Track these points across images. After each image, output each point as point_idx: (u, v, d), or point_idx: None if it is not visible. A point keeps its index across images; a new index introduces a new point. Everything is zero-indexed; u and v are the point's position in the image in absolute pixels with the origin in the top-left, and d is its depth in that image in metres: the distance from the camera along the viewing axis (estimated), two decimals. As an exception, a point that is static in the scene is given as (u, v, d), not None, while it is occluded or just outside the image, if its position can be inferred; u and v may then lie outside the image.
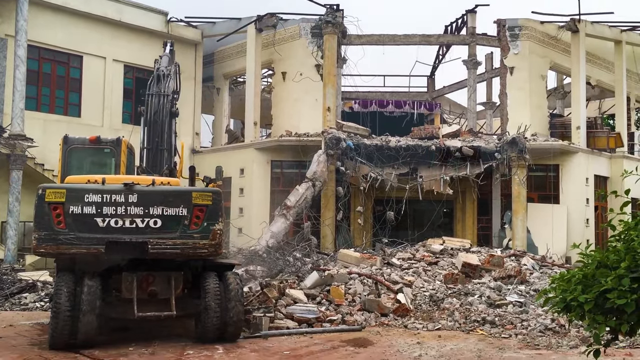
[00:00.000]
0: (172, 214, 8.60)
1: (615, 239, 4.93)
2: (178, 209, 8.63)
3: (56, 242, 8.31)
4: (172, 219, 8.60)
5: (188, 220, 8.64)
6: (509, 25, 22.77)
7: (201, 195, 8.83)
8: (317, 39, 22.19)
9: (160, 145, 10.24)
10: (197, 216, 8.68)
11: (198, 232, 8.66)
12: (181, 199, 8.71)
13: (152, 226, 8.53)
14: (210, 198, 8.82)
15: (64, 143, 10.40)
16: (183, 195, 8.78)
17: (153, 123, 10.22)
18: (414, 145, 19.58)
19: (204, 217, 8.70)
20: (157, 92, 10.46)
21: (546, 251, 18.67)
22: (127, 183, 8.66)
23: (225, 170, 16.92)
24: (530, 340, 9.83)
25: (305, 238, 17.95)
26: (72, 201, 8.37)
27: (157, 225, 8.54)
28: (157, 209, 8.56)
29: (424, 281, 13.66)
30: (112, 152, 10.48)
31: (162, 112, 10.25)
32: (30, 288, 13.95)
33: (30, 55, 19.37)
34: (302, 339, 9.77)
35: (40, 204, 8.37)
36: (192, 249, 8.65)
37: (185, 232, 8.62)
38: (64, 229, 8.33)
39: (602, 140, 23.08)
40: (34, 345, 8.90)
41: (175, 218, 8.61)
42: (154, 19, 23.27)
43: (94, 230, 8.39)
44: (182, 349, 8.80)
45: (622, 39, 24.55)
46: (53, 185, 8.74)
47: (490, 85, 28.35)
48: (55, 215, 8.33)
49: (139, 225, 8.50)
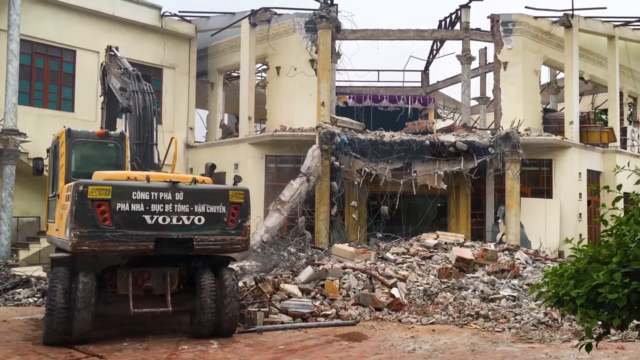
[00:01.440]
0: (213, 211, 8.95)
1: (607, 234, 4.97)
2: (218, 206, 9.00)
3: (102, 239, 8.31)
4: (214, 216, 8.96)
5: (226, 218, 9.04)
6: (503, 21, 22.79)
7: (236, 193, 9.23)
8: (312, 34, 22.16)
9: (150, 140, 10.27)
10: (233, 213, 9.12)
11: (234, 229, 9.10)
12: (221, 197, 9.08)
13: (197, 223, 8.82)
14: (242, 196, 9.26)
15: (67, 137, 10.16)
16: (222, 194, 9.15)
17: (143, 119, 10.22)
18: (408, 140, 19.62)
19: (238, 215, 9.15)
20: (141, 89, 10.63)
21: (539, 245, 18.78)
22: (173, 181, 8.88)
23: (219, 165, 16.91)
24: (523, 334, 9.90)
25: (300, 233, 17.99)
26: (119, 198, 8.41)
27: (201, 223, 8.85)
28: (201, 207, 8.88)
29: (418, 275, 13.72)
30: (116, 147, 10.43)
31: (150, 108, 10.34)
32: (24, 283, 13.92)
33: (23, 49, 19.25)
34: (297, 334, 9.81)
35: (82, 201, 8.28)
36: (229, 245, 9.07)
37: (224, 228, 9.02)
38: (109, 226, 8.34)
39: (595, 135, 23.17)
40: (28, 341, 8.91)
41: (217, 215, 8.98)
42: (148, 14, 23.16)
43: (143, 227, 8.49)
44: (177, 344, 8.82)
45: (615, 35, 24.63)
46: (95, 181, 8.67)
47: (484, 80, 28.42)
48: (100, 212, 8.31)
49: (185, 222, 8.74)
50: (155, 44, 23.42)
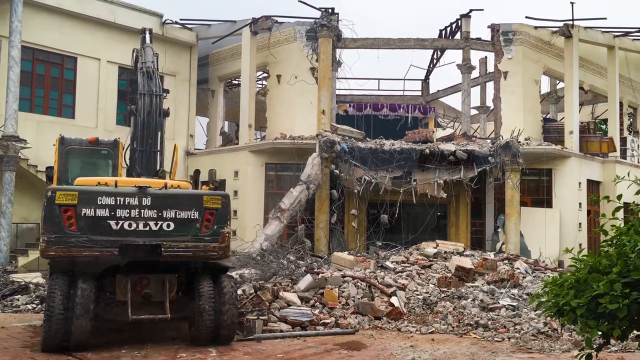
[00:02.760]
0: (184, 217, 8.70)
1: (607, 244, 4.96)
2: (190, 212, 8.73)
3: (67, 245, 8.27)
4: (185, 222, 8.70)
5: (199, 224, 8.74)
6: (503, 30, 22.87)
7: (212, 198, 8.92)
8: (312, 42, 22.22)
9: (154, 147, 10.09)
10: (208, 219, 8.80)
11: (209, 235, 8.78)
12: (193, 202, 8.81)
13: (165, 229, 8.61)
14: (220, 201, 8.93)
15: (60, 144, 10.27)
16: (195, 199, 8.87)
17: (147, 124, 10.07)
18: (408, 149, 19.63)
19: (214, 221, 8.82)
20: (148, 92, 10.23)
21: (539, 255, 18.74)
22: (141, 186, 8.66)
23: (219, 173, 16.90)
24: (523, 343, 9.87)
25: (299, 241, 17.96)
26: (84, 203, 8.35)
27: (170, 228, 8.63)
28: (170, 212, 8.64)
29: (417, 284, 13.69)
30: (109, 154, 10.42)
31: (155, 112, 10.07)
32: (22, 290, 13.89)
33: (24, 56, 19.32)
34: (296, 342, 9.78)
35: (50, 206, 8.30)
36: (203, 252, 8.76)
37: (197, 235, 8.73)
38: (75, 232, 8.30)
39: (595, 145, 23.20)
40: (26, 348, 8.87)
41: (188, 221, 8.71)
42: (149, 21, 23.19)
43: (107, 233, 8.39)
44: (175, 351, 8.79)
45: (615, 45, 24.70)
46: (63, 187, 8.67)
47: (484, 90, 28.47)
48: (67, 218, 8.28)
49: (153, 228, 8.56)
50: (156, 51, 23.41)
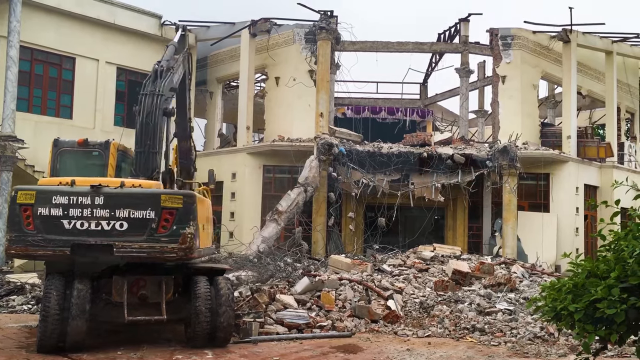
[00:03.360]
0: (138, 216, 8.38)
1: (605, 249, 4.96)
2: (145, 211, 8.40)
3: (25, 243, 8.26)
4: (139, 222, 8.37)
5: (156, 224, 8.38)
6: (502, 35, 22.93)
7: (171, 197, 8.54)
8: (311, 45, 22.24)
9: (152, 148, 10.01)
10: (166, 219, 8.42)
11: (166, 236, 8.39)
12: (149, 201, 8.46)
13: (118, 229, 8.34)
14: (180, 201, 8.52)
15: (53, 146, 10.32)
16: (151, 198, 8.52)
17: (145, 125, 9.99)
18: (405, 152, 19.64)
19: (174, 221, 8.43)
20: (151, 92, 10.04)
21: (536, 259, 18.77)
22: (94, 185, 8.50)
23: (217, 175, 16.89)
24: (519, 348, 9.86)
25: (297, 243, 17.94)
26: (40, 203, 8.31)
27: (123, 228, 8.35)
28: (124, 212, 8.37)
29: (414, 288, 13.67)
30: (100, 155, 10.37)
31: (154, 113, 9.86)
32: (18, 290, 13.84)
33: (23, 56, 19.27)
34: (292, 345, 9.76)
35: (13, 206, 8.39)
36: (159, 253, 8.38)
37: (153, 235, 8.36)
38: (32, 231, 8.28)
39: (593, 150, 23.25)
40: (21, 348, 8.83)
41: (142, 221, 8.38)
42: (148, 22, 23.23)
43: (61, 232, 8.30)
44: (171, 353, 8.77)
45: (613, 50, 24.78)
46: (25, 187, 8.66)
47: (482, 94, 28.52)
48: (25, 217, 8.30)
49: (105, 227, 8.33)
50: (155, 53, 23.35)
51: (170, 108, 10.17)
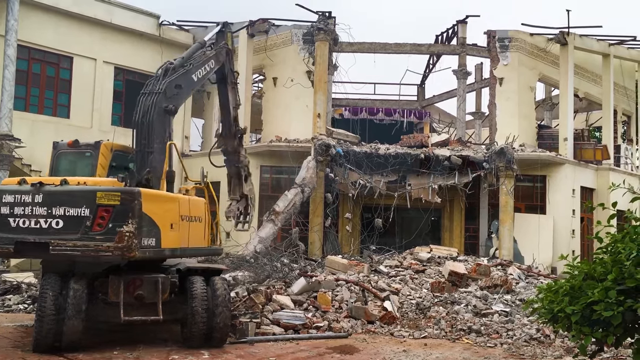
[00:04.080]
0: (73, 214, 8.27)
1: (602, 251, 4.97)
2: (80, 209, 8.26)
3: None
4: (74, 220, 8.26)
5: (90, 222, 8.22)
6: (499, 37, 22.97)
7: (107, 195, 8.30)
8: (309, 46, 22.25)
9: (147, 147, 10.00)
10: (102, 217, 8.23)
11: (102, 234, 8.18)
12: (84, 199, 8.32)
13: (55, 227, 8.30)
14: (117, 198, 8.28)
15: (53, 148, 10.39)
16: (86, 195, 8.36)
17: (140, 124, 9.93)
18: (403, 153, 19.65)
19: (110, 218, 8.22)
20: (150, 90, 10.09)
21: (532, 261, 18.79)
22: (35, 183, 8.56)
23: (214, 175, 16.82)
24: (515, 349, 9.87)
25: (293, 244, 17.92)
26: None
27: (59, 226, 8.29)
28: (60, 210, 8.32)
29: (410, 289, 13.68)
30: (92, 155, 10.36)
31: (149, 111, 9.89)
32: (14, 290, 13.80)
33: (20, 55, 19.24)
34: (289, 345, 9.76)
35: None
36: (94, 251, 8.16)
37: (87, 233, 8.19)
38: None
39: (589, 152, 23.31)
40: (17, 348, 8.81)
41: (77, 219, 8.26)
42: (146, 22, 23.22)
43: (7, 230, 8.42)
44: (167, 353, 8.76)
45: (610, 53, 24.84)
46: None
47: (479, 95, 28.58)
48: None
49: (43, 225, 8.34)
50: (152, 52, 23.44)
51: (171, 107, 10.08)
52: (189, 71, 10.76)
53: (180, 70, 10.50)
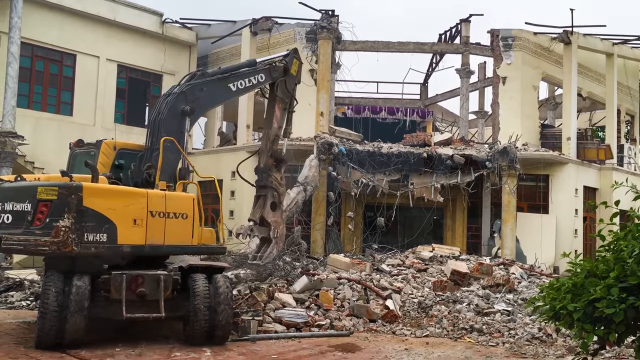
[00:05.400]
0: (19, 209, 8.45)
1: (604, 249, 4.96)
2: (24, 204, 8.43)
3: None
4: (19, 215, 8.43)
5: (31, 216, 8.35)
6: (503, 36, 22.93)
7: (46, 190, 8.38)
8: (312, 44, 22.23)
9: (157, 144, 10.15)
10: (42, 212, 8.33)
11: (40, 229, 8.27)
12: (27, 194, 8.49)
13: (6, 222, 8.51)
14: (55, 193, 8.32)
15: (69, 149, 10.81)
16: (28, 191, 8.54)
17: (153, 123, 10.15)
18: (405, 152, 19.63)
19: (48, 213, 8.31)
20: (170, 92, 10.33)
21: (535, 260, 18.76)
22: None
23: (217, 173, 16.81)
24: (517, 348, 9.87)
25: (296, 242, 17.91)
26: None
27: (9, 221, 8.48)
28: (9, 205, 8.53)
29: (412, 288, 13.68)
30: (95, 154, 10.48)
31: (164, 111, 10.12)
32: (17, 286, 13.83)
33: (24, 52, 19.27)
34: (290, 343, 9.76)
35: None
36: (33, 246, 8.26)
37: (28, 228, 8.32)
38: None
39: (592, 151, 23.26)
40: (20, 344, 8.83)
41: (21, 214, 8.42)
42: (149, 20, 23.24)
43: None
44: (169, 350, 8.77)
45: (614, 52, 24.78)
46: None
47: (482, 95, 28.53)
48: None
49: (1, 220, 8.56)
50: (155, 50, 23.48)
51: (188, 108, 10.21)
52: (226, 79, 10.97)
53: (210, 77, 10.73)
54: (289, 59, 12.34)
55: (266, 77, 11.79)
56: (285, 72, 12.24)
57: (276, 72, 11.98)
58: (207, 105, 11.25)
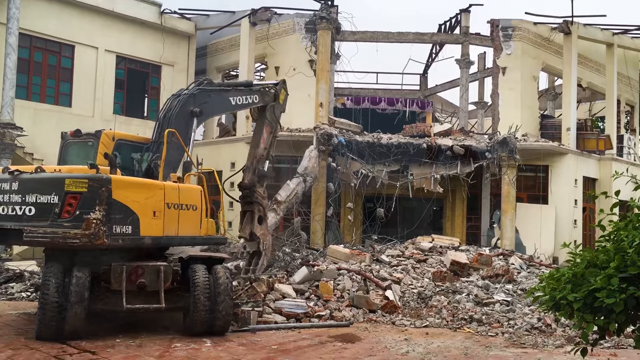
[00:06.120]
0: (44, 201, 8.33)
1: (604, 239, 4.96)
2: (50, 196, 8.32)
3: None
4: (44, 207, 8.32)
5: (59, 208, 8.25)
6: (502, 26, 22.86)
7: (75, 182, 8.29)
8: (311, 35, 22.17)
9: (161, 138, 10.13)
10: (70, 204, 8.25)
11: (69, 221, 8.20)
12: (53, 186, 8.37)
13: (28, 214, 8.39)
14: (85, 185, 8.26)
15: (61, 138, 10.57)
16: (55, 182, 8.41)
17: (162, 117, 10.30)
18: (405, 143, 19.60)
19: (78, 205, 8.24)
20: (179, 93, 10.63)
21: (534, 251, 18.80)
22: (12, 171, 8.66)
23: (216, 164, 16.80)
24: (516, 339, 9.89)
25: (295, 233, 17.93)
26: None
27: (32, 213, 8.38)
28: (32, 197, 8.40)
29: (412, 278, 13.70)
30: (94, 145, 10.46)
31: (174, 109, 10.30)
32: (17, 278, 13.84)
33: (22, 43, 19.20)
34: (290, 334, 9.79)
35: None
36: (62, 239, 8.17)
37: (56, 220, 8.24)
38: None
39: (592, 142, 23.26)
40: (20, 335, 8.85)
41: (47, 206, 8.31)
42: (147, 10, 23.14)
43: None
44: (170, 341, 8.79)
45: (614, 42, 24.71)
46: None
47: (482, 85, 28.47)
48: None
49: (18, 212, 8.45)
50: (154, 41, 23.40)
51: (197, 110, 10.45)
52: (228, 93, 11.41)
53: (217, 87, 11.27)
54: (278, 87, 12.99)
55: (259, 99, 12.27)
56: (275, 99, 12.78)
57: (268, 97, 12.52)
58: (212, 112, 11.62)
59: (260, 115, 12.85)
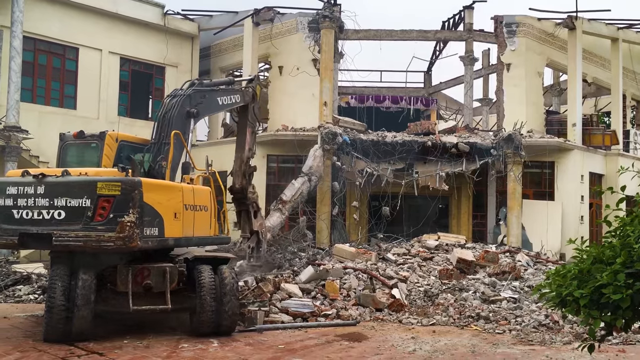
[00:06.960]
0: (75, 205, 8.32)
1: (611, 235, 4.93)
2: (81, 199, 8.31)
3: None
4: (75, 211, 8.31)
5: (92, 212, 8.26)
6: (506, 22, 22.76)
7: (108, 185, 8.33)
8: (314, 34, 22.15)
9: (165, 139, 10.16)
10: (103, 207, 8.27)
11: (103, 225, 8.23)
12: (85, 189, 8.37)
13: (57, 218, 8.37)
14: (118, 188, 8.31)
15: (59, 140, 10.54)
16: (87, 186, 8.41)
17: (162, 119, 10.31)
18: (410, 141, 19.57)
19: (111, 209, 8.26)
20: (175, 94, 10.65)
21: (540, 248, 18.73)
22: (37, 175, 8.63)
23: (220, 164, 16.81)
24: (524, 336, 9.87)
25: (301, 233, 17.96)
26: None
27: (61, 217, 8.36)
28: (61, 201, 8.38)
29: (418, 276, 13.69)
30: (97, 146, 10.46)
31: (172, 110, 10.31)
32: (24, 280, 13.90)
33: (26, 46, 19.28)
34: (297, 333, 9.79)
35: None
36: (96, 242, 8.20)
37: (89, 224, 8.25)
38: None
39: (598, 137, 23.14)
40: (28, 338, 8.89)
41: (78, 209, 8.31)
42: (151, 12, 23.18)
43: (11, 222, 8.52)
44: (177, 342, 8.81)
45: (619, 37, 24.57)
46: None
47: (486, 82, 28.38)
48: None
49: (45, 217, 8.41)
50: (157, 42, 23.44)
51: (193, 110, 10.50)
52: (216, 93, 11.53)
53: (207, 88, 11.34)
54: (254, 84, 13.13)
55: (241, 99, 12.42)
56: (254, 98, 12.93)
57: (247, 96, 12.67)
58: (206, 112, 11.78)
59: (241, 116, 13.09)
